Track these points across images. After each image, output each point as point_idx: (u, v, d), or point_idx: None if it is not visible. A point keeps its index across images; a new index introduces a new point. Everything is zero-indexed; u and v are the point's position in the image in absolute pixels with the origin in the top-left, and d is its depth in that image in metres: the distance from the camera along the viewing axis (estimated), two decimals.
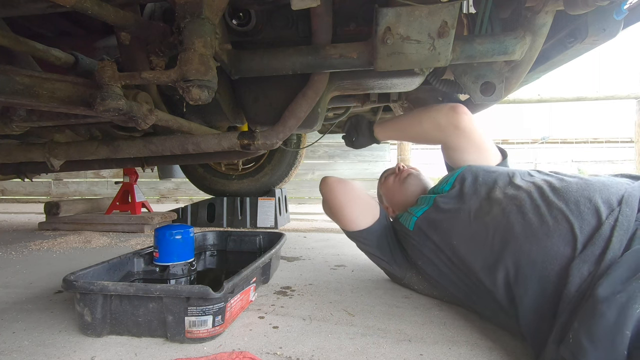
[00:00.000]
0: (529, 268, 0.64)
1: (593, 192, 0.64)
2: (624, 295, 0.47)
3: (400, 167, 1.20)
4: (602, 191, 0.64)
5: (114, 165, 1.40)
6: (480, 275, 0.73)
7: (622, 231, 0.57)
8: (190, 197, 4.49)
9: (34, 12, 0.72)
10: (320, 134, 1.59)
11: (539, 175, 0.78)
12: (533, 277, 0.63)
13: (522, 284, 0.64)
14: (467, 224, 0.78)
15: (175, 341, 0.69)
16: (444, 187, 0.94)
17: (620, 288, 0.49)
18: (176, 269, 0.95)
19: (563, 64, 1.01)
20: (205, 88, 0.67)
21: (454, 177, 0.92)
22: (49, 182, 4.75)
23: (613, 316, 0.47)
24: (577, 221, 0.61)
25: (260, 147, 1.03)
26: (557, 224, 0.63)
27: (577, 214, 0.62)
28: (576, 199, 0.64)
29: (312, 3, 0.69)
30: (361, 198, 1.02)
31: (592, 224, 0.60)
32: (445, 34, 0.75)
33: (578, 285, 0.55)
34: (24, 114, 0.87)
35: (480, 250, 0.74)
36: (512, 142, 4.71)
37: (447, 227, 0.83)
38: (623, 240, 0.56)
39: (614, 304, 0.48)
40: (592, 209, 0.62)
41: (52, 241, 1.75)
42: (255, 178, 2.36)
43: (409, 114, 1.08)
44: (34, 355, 0.65)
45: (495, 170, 0.87)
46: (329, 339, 0.72)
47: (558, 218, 0.64)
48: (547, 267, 0.61)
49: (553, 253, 0.61)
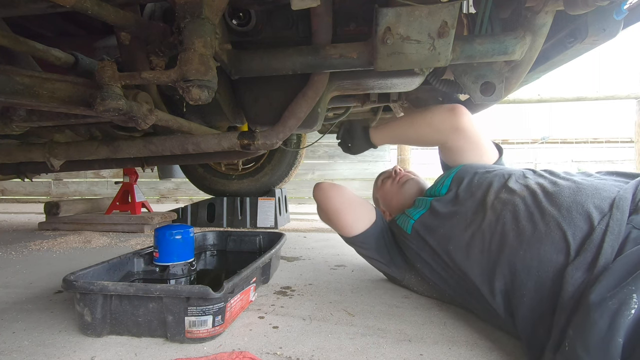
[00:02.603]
0: (525, 274, 0.64)
1: (585, 197, 0.64)
2: (615, 302, 0.47)
3: (397, 171, 1.19)
4: (594, 195, 0.64)
5: (114, 165, 1.40)
6: (477, 282, 0.73)
7: (614, 236, 0.56)
8: (190, 197, 4.49)
9: (34, 12, 0.72)
10: (320, 134, 1.58)
11: (533, 177, 0.78)
12: (529, 283, 0.63)
13: (518, 290, 0.64)
14: (462, 230, 0.78)
15: (175, 341, 0.69)
16: (440, 189, 0.93)
17: (612, 294, 0.49)
18: (176, 269, 0.95)
19: (563, 64, 1.01)
20: (205, 88, 0.67)
21: (450, 178, 0.92)
22: (49, 182, 4.75)
23: (605, 324, 0.47)
24: (570, 228, 0.61)
25: (260, 147, 1.03)
26: (549, 230, 0.63)
27: (569, 221, 0.62)
28: (568, 205, 0.64)
29: (312, 3, 0.69)
30: (356, 201, 1.02)
31: (584, 230, 0.60)
32: (445, 34, 0.75)
33: (572, 292, 0.55)
34: (24, 114, 0.87)
35: (476, 258, 0.73)
36: (512, 142, 4.72)
37: (443, 233, 0.82)
38: (615, 246, 0.56)
39: (605, 311, 0.47)
40: (584, 215, 0.62)
41: (52, 241, 1.75)
42: (255, 178, 2.36)
43: (407, 117, 1.07)
44: (34, 355, 0.65)
45: (491, 170, 0.87)
46: (329, 339, 0.72)
47: (551, 225, 0.64)
48: (542, 274, 0.61)
49: (546, 260, 0.61)
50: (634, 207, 0.60)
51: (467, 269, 0.75)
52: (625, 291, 0.47)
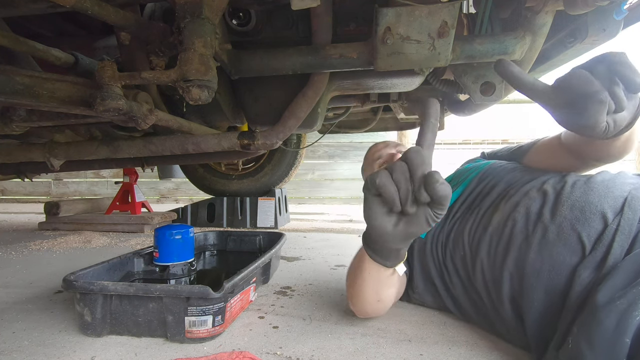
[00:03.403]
0: (534, 278, 0.62)
1: (598, 197, 0.62)
2: (624, 301, 0.47)
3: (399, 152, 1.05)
4: (607, 195, 0.62)
5: (114, 165, 1.40)
6: (484, 291, 0.71)
7: (624, 235, 0.56)
8: (190, 197, 4.49)
9: (34, 12, 0.72)
10: (320, 134, 1.58)
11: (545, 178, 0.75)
12: (539, 287, 0.61)
13: (527, 295, 0.62)
14: (474, 232, 0.76)
15: (175, 341, 0.69)
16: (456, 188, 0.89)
17: (620, 294, 0.48)
18: (176, 269, 0.95)
19: (563, 64, 1.01)
20: (205, 88, 0.67)
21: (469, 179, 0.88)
22: (49, 182, 4.75)
23: (613, 323, 0.46)
24: (585, 229, 0.59)
25: (260, 147, 1.03)
26: (562, 232, 0.61)
27: (583, 221, 0.60)
28: (581, 205, 0.62)
29: (312, 3, 0.69)
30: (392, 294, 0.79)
31: (599, 229, 0.58)
32: (445, 34, 0.75)
33: (580, 292, 0.55)
34: (24, 114, 0.87)
35: (485, 261, 0.72)
36: (513, 142, 4.72)
37: (455, 237, 0.79)
38: (624, 245, 0.55)
39: (613, 310, 0.47)
40: (598, 215, 0.60)
41: (52, 241, 1.75)
42: (255, 178, 2.36)
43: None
44: (34, 355, 0.65)
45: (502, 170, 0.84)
46: (329, 339, 0.72)
47: (563, 226, 0.62)
48: (554, 278, 0.60)
49: (559, 262, 0.60)
50: None
51: (475, 274, 0.73)
52: (634, 292, 0.47)
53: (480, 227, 0.75)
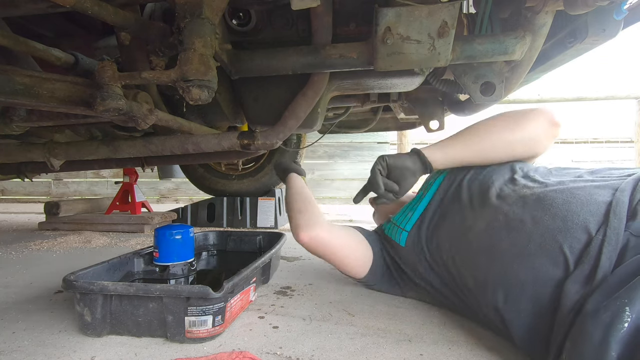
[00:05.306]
0: (519, 290, 0.61)
1: (580, 206, 0.60)
2: (609, 314, 0.46)
3: None
4: (589, 202, 0.60)
5: (114, 165, 1.40)
6: (471, 295, 0.72)
7: (611, 247, 0.54)
8: (190, 197, 4.49)
9: (34, 12, 0.72)
10: (320, 134, 1.58)
11: (523, 181, 0.74)
12: (524, 298, 0.61)
13: (513, 305, 0.62)
14: (454, 239, 0.77)
15: (175, 341, 0.69)
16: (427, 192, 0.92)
17: (605, 306, 0.47)
18: (176, 269, 0.95)
19: (563, 64, 1.01)
20: (205, 88, 0.67)
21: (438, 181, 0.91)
22: (49, 182, 4.75)
23: (599, 337, 0.46)
24: (567, 240, 0.58)
25: (260, 147, 1.03)
26: (544, 243, 0.60)
27: (565, 232, 0.59)
28: (564, 214, 0.60)
29: (312, 3, 0.69)
30: (351, 247, 0.95)
31: (582, 240, 0.57)
32: (445, 34, 0.75)
33: (570, 307, 0.54)
34: (24, 114, 0.87)
35: (468, 268, 0.72)
36: None
37: (436, 243, 0.82)
38: (612, 257, 0.53)
39: (599, 324, 0.46)
40: (580, 225, 0.58)
41: (52, 241, 1.75)
42: (255, 178, 2.36)
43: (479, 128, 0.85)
44: (34, 355, 0.65)
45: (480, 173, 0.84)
46: (329, 339, 0.72)
47: (545, 236, 0.60)
48: (539, 289, 0.59)
49: (542, 274, 0.59)
50: (631, 211, 0.57)
51: (462, 279, 0.75)
52: (618, 304, 0.46)
53: (459, 235, 0.76)
